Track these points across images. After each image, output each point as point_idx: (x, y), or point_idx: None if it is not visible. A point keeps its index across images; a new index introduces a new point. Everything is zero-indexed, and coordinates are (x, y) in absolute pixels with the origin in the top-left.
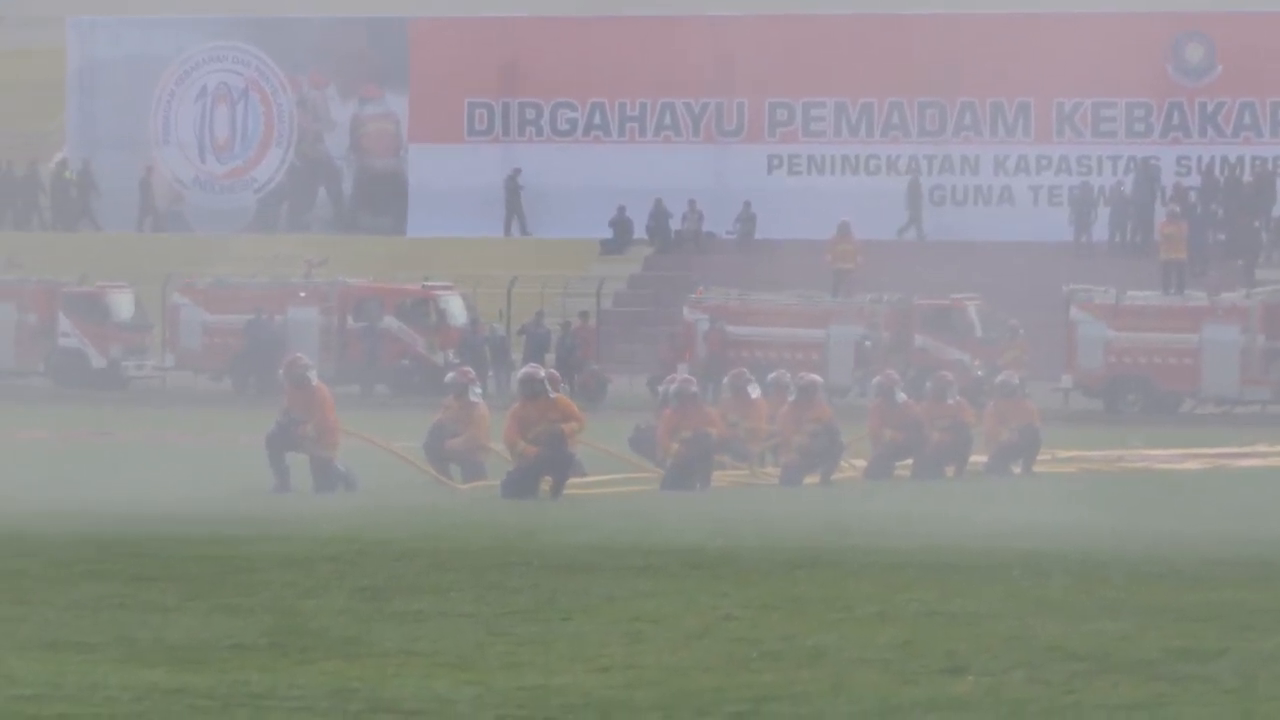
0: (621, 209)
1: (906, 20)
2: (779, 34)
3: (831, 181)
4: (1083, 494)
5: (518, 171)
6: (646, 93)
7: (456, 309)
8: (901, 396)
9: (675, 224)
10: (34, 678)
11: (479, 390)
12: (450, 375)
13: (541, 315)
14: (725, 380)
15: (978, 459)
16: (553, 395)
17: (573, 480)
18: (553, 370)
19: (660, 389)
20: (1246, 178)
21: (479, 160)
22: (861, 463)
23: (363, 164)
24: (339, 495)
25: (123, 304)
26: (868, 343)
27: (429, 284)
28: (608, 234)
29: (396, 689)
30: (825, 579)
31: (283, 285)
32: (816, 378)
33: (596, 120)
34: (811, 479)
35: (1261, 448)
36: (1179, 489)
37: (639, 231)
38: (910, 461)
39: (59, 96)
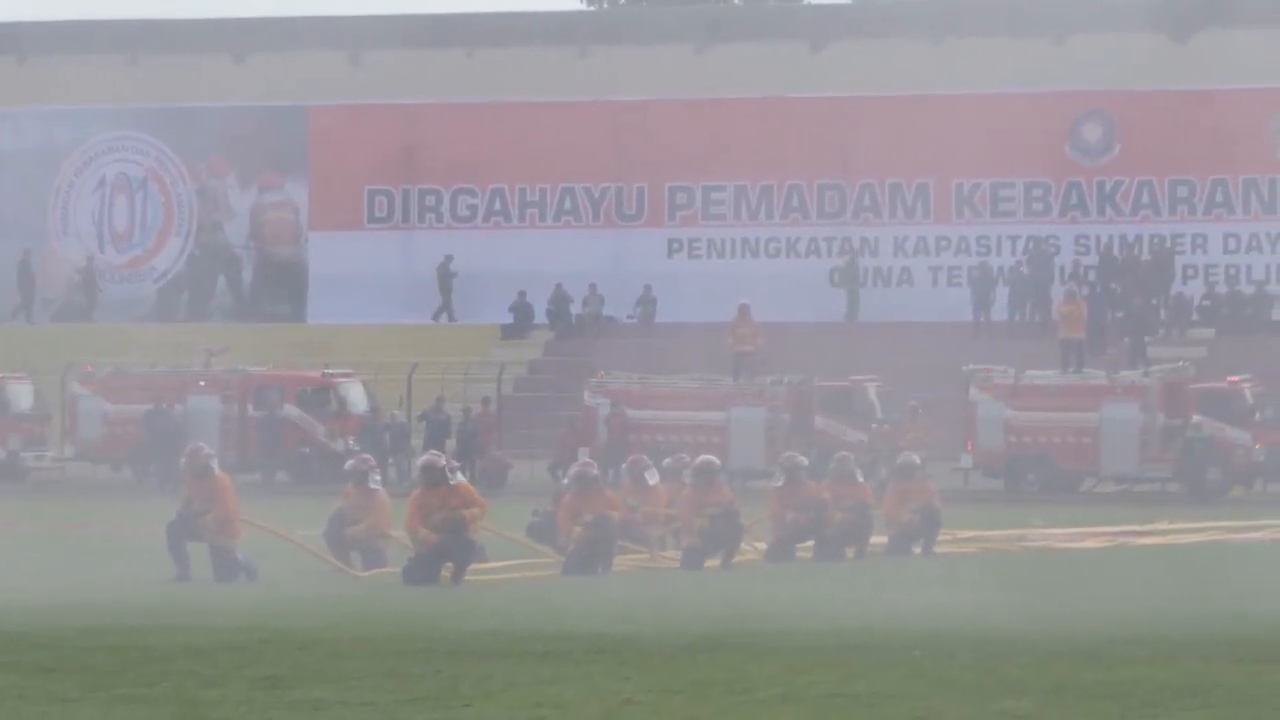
0: (522, 294)
1: (806, 103)
2: (678, 118)
3: (731, 264)
4: (984, 574)
5: (450, 259)
6: (546, 178)
7: (357, 396)
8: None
9: (576, 308)
10: None
11: (379, 478)
12: (350, 463)
13: (442, 401)
14: (624, 466)
15: (878, 540)
16: (453, 482)
17: (474, 566)
18: (451, 457)
19: (553, 465)
20: (1144, 256)
21: (379, 247)
22: (762, 545)
23: (263, 252)
24: (240, 585)
25: (21, 394)
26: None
27: (329, 371)
28: (508, 319)
29: None
30: (727, 662)
31: (183, 374)
32: (715, 460)
33: (496, 206)
34: (712, 562)
35: (1162, 525)
36: (1079, 568)
37: (539, 316)
38: (811, 543)
39: None
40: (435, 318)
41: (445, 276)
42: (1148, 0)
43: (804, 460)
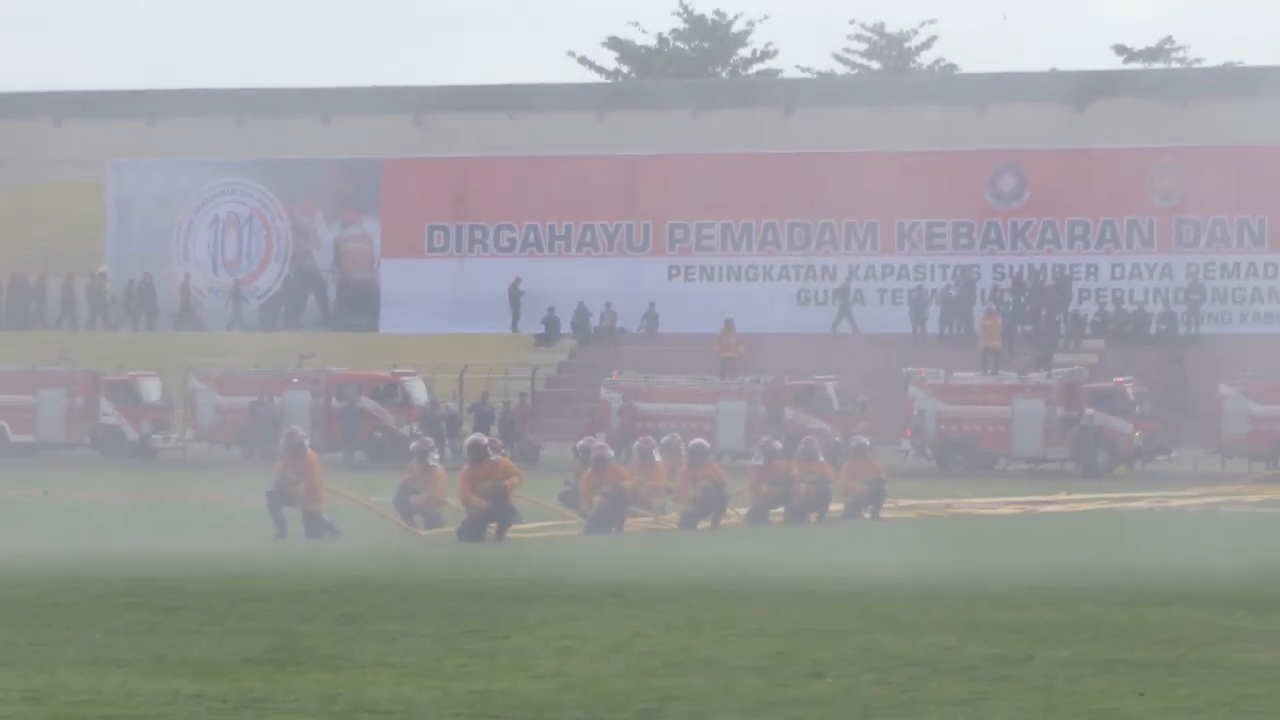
0: (551, 310)
1: (778, 158)
2: (676, 169)
3: (718, 286)
4: (919, 535)
5: (519, 280)
6: (570, 216)
7: (419, 391)
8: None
9: (594, 321)
10: (82, 687)
11: (437, 456)
12: (414, 444)
13: (487, 396)
14: (635, 446)
15: (835, 507)
16: (494, 458)
17: (514, 527)
18: (495, 438)
19: (578, 445)
20: (1049, 282)
21: (437, 272)
22: (743, 511)
23: (344, 276)
24: (325, 541)
25: (151, 389)
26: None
27: (397, 371)
28: (540, 330)
29: (372, 694)
30: (716, 604)
31: (280, 373)
32: (705, 443)
33: (531, 239)
34: (704, 524)
35: (1061, 496)
36: (996, 529)
37: (565, 327)
38: (781, 510)
39: (97, 224)
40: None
41: (515, 295)
42: (1051, 77)
43: (779, 445)
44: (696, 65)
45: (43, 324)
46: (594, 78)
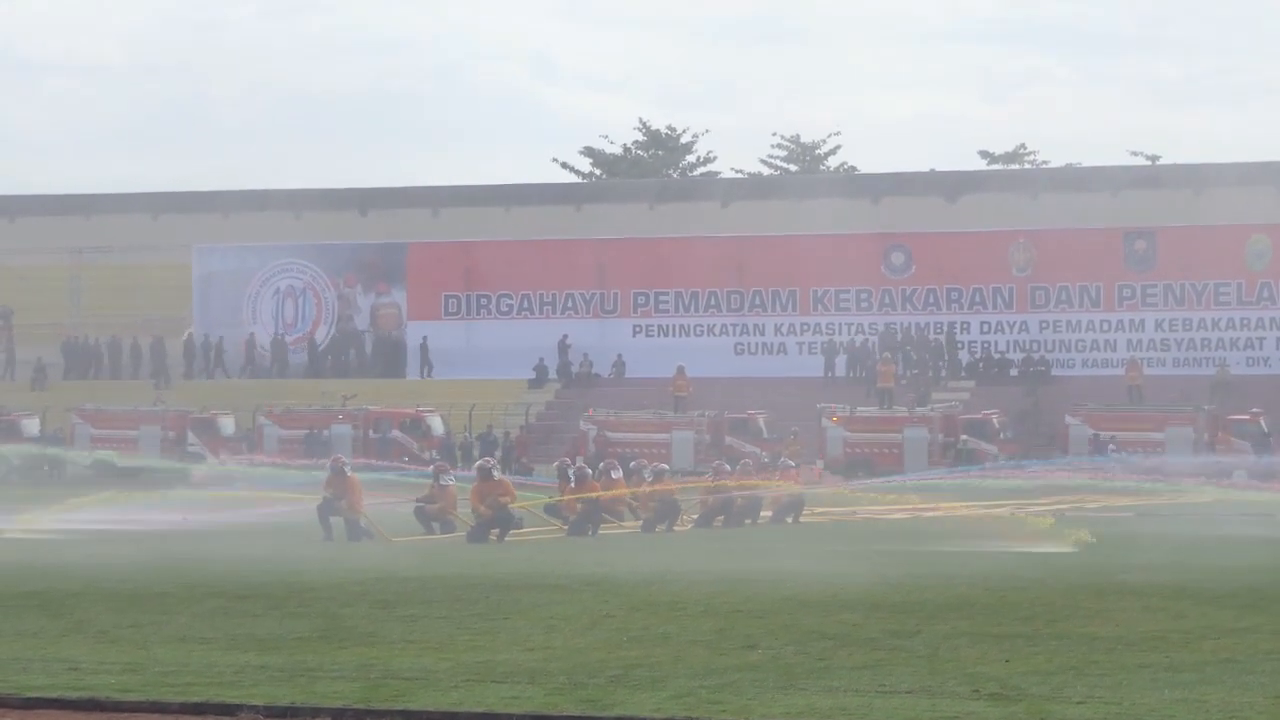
0: (541, 359)
1: (719, 240)
2: (638, 250)
3: (672, 341)
4: (831, 534)
5: (566, 337)
6: (555, 286)
7: (437, 424)
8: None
9: (574, 369)
10: (170, 660)
11: (451, 476)
12: (432, 467)
13: (491, 428)
14: (600, 466)
15: (765, 514)
16: (497, 477)
17: (512, 532)
18: (497, 461)
19: (557, 465)
20: (932, 337)
21: (451, 331)
22: (693, 517)
23: (378, 334)
24: (363, 544)
25: (227, 424)
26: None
27: (420, 409)
28: (531, 375)
29: (399, 664)
30: (669, 589)
31: (328, 410)
32: (665, 465)
33: (525, 304)
34: (661, 528)
35: (942, 505)
36: (891, 531)
37: (552, 374)
38: (722, 517)
39: (184, 296)
40: (557, 374)
41: (563, 349)
42: (930, 175)
43: (729, 468)
44: (653, 168)
45: (140, 375)
46: (572, 178)
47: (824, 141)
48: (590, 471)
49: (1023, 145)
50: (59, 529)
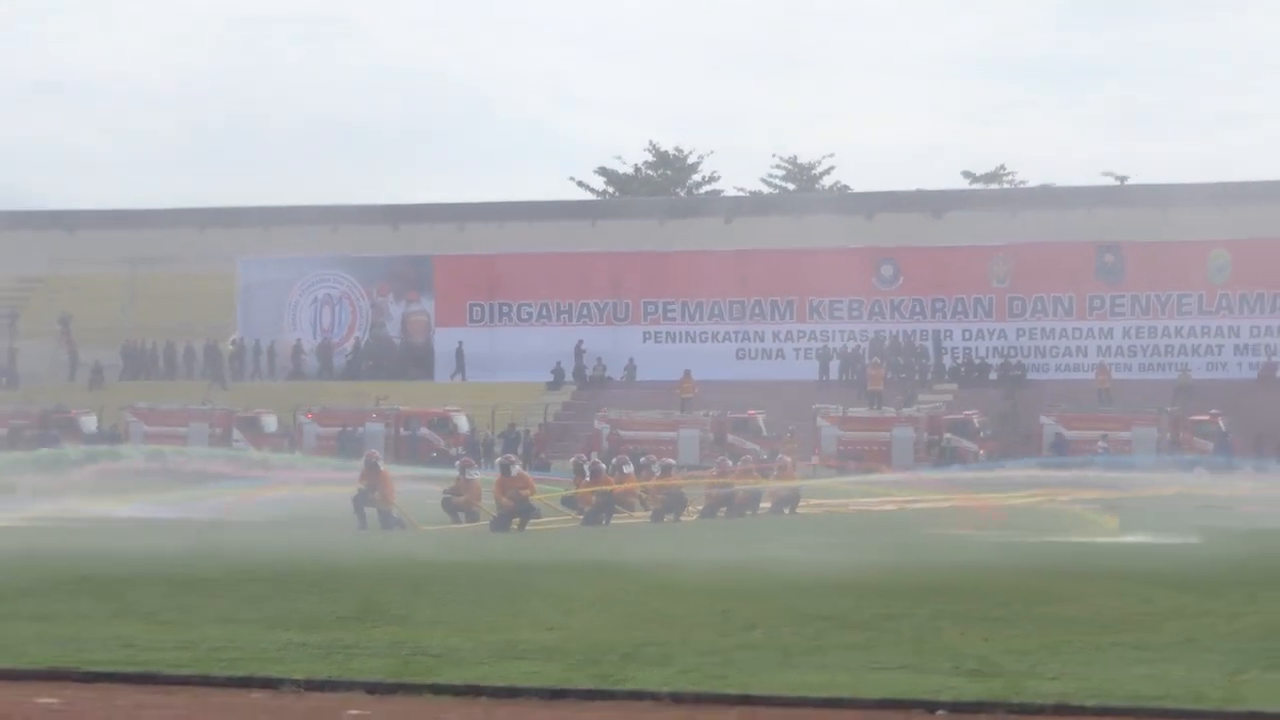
0: (558, 363)
1: (723, 254)
2: (648, 262)
3: (679, 347)
4: (826, 524)
5: (581, 341)
6: (572, 295)
7: (463, 422)
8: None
9: (589, 372)
10: (218, 638)
11: (476, 470)
12: (458, 462)
13: (512, 426)
14: (613, 461)
15: (765, 505)
16: (516, 471)
17: (531, 521)
18: (517, 459)
19: (573, 460)
20: (918, 343)
21: (476, 337)
22: (698, 509)
23: (408, 340)
24: (396, 532)
25: (270, 422)
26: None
27: (447, 408)
28: (549, 378)
29: (428, 642)
30: (676, 574)
31: (361, 410)
32: (672, 460)
33: (544, 312)
34: (668, 519)
35: (932, 497)
36: (880, 522)
37: (568, 376)
38: (725, 508)
39: (229, 304)
40: (573, 377)
41: (579, 354)
42: (917, 194)
43: (731, 463)
44: (662, 187)
45: (189, 376)
46: (587, 196)
47: (820, 162)
48: (604, 466)
49: (1002, 166)
50: (111, 518)
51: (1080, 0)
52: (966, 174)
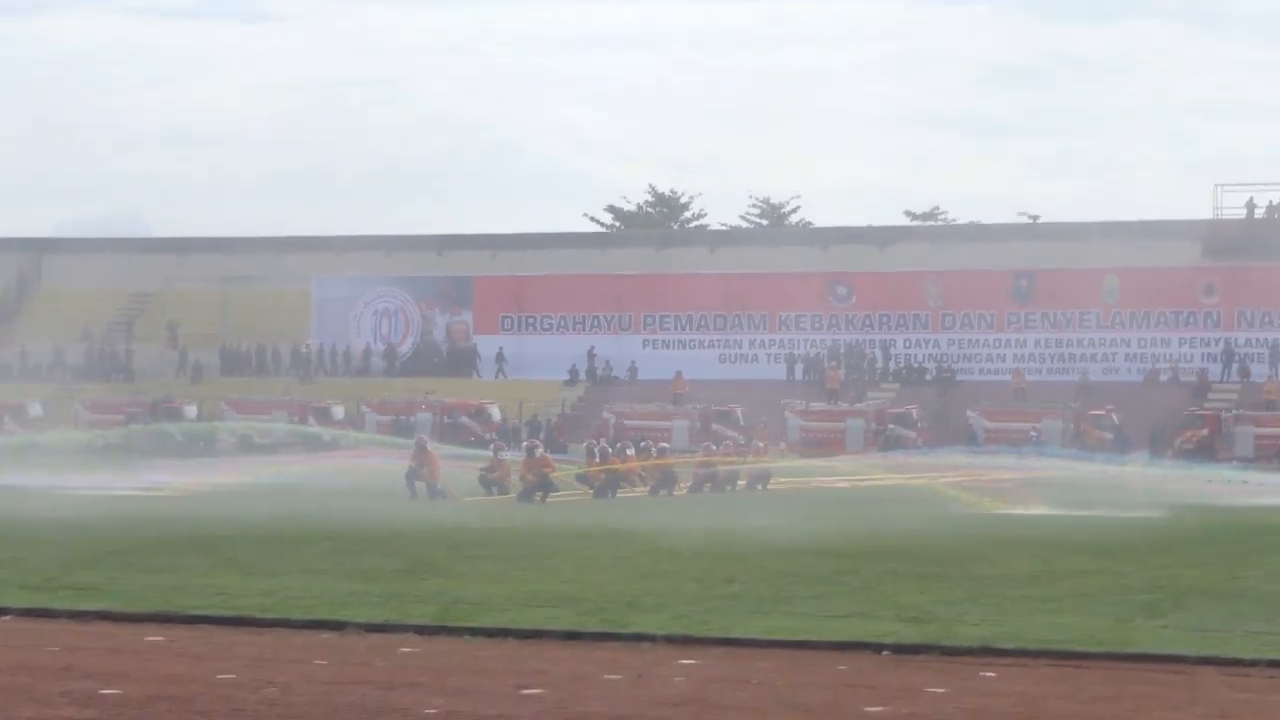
0: (574, 365)
1: (710, 277)
2: (648, 283)
3: (674, 352)
4: (791, 499)
5: (592, 348)
6: (584, 309)
7: (496, 413)
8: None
9: (598, 373)
10: (296, 587)
11: (506, 453)
12: (491, 445)
13: (536, 416)
14: (618, 445)
15: (741, 483)
16: (539, 453)
17: (551, 495)
18: (538, 442)
19: (586, 445)
20: (868, 351)
21: (507, 343)
22: (687, 485)
23: (452, 345)
24: (441, 502)
25: (339, 411)
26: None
27: (483, 401)
28: (566, 377)
29: (466, 593)
30: (669, 540)
31: (413, 401)
32: (666, 445)
33: (562, 323)
34: (663, 493)
35: (878, 476)
36: (836, 496)
37: (581, 376)
38: (709, 485)
39: (305, 316)
40: (585, 377)
41: (590, 358)
42: (868, 229)
43: (714, 447)
44: (659, 221)
45: (277, 373)
46: (597, 228)
47: (788, 202)
48: (611, 450)
49: (937, 206)
50: (213, 485)
51: (1000, 70)
52: (908, 213)
